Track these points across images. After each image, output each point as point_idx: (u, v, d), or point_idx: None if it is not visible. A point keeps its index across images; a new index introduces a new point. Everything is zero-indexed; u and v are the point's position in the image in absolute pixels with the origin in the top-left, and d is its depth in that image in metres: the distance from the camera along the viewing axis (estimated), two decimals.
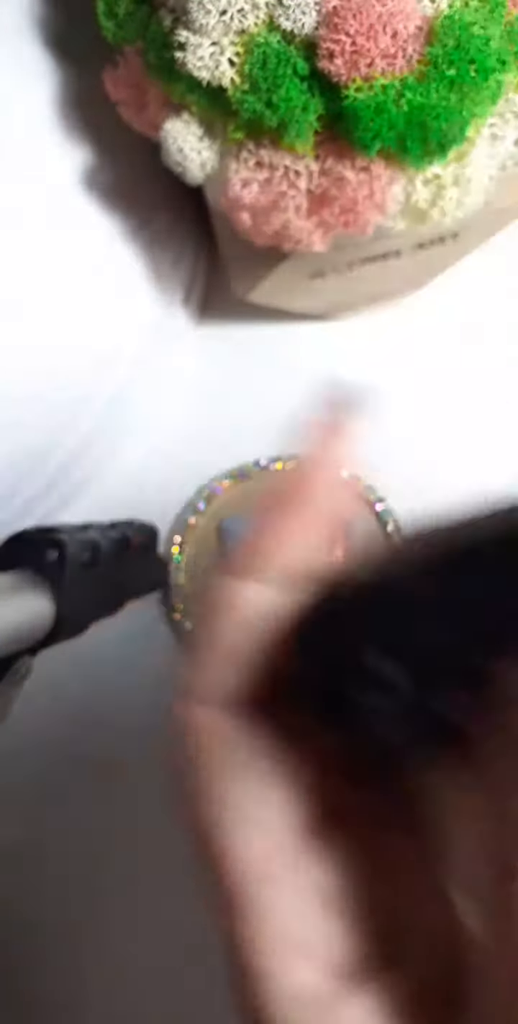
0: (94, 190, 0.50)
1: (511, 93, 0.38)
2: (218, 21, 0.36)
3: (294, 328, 0.64)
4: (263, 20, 0.36)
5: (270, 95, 0.36)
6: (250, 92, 0.37)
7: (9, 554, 0.45)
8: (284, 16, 0.36)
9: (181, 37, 0.37)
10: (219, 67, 0.37)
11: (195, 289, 0.62)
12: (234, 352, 0.64)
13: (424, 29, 0.35)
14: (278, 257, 0.48)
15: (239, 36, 0.37)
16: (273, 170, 0.39)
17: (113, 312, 0.53)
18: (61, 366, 0.51)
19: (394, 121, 0.36)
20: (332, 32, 0.35)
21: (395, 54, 0.35)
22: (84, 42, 0.47)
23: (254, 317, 0.64)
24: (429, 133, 0.36)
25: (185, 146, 0.41)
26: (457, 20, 0.35)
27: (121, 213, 0.52)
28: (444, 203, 0.40)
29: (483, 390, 0.62)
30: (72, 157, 0.49)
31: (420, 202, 0.40)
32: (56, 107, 0.49)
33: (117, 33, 0.42)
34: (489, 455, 0.61)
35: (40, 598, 0.42)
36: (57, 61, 0.49)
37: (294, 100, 0.36)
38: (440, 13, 0.35)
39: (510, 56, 0.37)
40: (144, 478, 0.63)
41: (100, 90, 0.45)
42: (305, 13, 0.35)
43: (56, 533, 0.45)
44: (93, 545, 0.47)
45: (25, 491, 0.55)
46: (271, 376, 0.64)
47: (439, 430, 0.62)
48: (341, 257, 0.49)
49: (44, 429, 0.53)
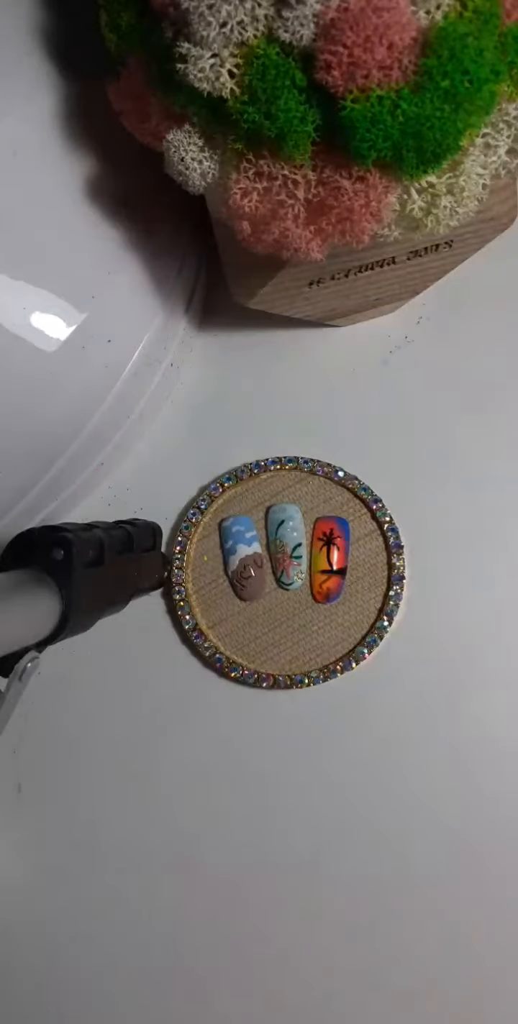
0: (98, 200, 0.51)
1: (504, 103, 0.39)
2: (218, 33, 0.36)
3: (293, 334, 0.64)
4: (262, 32, 0.37)
5: (269, 106, 0.37)
6: (250, 103, 0.37)
7: (16, 553, 0.45)
8: (283, 28, 0.36)
9: (182, 49, 0.38)
10: (219, 78, 0.37)
11: (196, 296, 0.63)
12: (234, 357, 0.65)
13: (419, 41, 0.36)
14: (277, 265, 0.49)
15: (239, 48, 0.37)
16: (272, 180, 0.39)
17: (118, 318, 0.54)
18: (66, 372, 0.51)
19: (390, 131, 0.36)
20: (329, 44, 0.35)
21: (391, 65, 0.35)
22: (87, 54, 0.48)
23: (254, 323, 0.64)
24: (424, 143, 0.36)
25: (186, 156, 0.41)
26: (451, 32, 0.35)
27: (125, 223, 0.52)
28: (438, 211, 0.40)
29: (483, 390, 0.63)
30: (75, 168, 0.50)
31: (415, 211, 0.40)
32: (59, 118, 0.49)
33: (120, 45, 0.42)
34: (489, 454, 0.62)
35: (46, 596, 0.43)
36: (61, 73, 0.49)
37: (292, 111, 0.37)
38: (435, 25, 0.35)
39: (503, 67, 0.37)
40: (147, 478, 0.64)
41: (103, 101, 0.45)
42: (303, 25, 0.36)
43: (62, 532, 0.45)
44: (98, 543, 0.48)
45: (31, 491, 0.56)
46: (271, 380, 0.64)
47: (439, 430, 0.63)
48: (338, 265, 0.49)
49: (49, 432, 0.53)
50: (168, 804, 0.61)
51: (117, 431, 0.60)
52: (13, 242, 0.48)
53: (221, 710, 0.61)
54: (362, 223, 0.39)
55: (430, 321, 0.64)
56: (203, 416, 0.64)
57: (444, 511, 0.61)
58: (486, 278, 0.63)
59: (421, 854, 0.59)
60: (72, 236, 0.50)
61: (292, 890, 0.59)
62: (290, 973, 0.59)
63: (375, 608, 0.60)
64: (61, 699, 0.62)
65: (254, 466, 0.62)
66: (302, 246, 0.41)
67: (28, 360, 0.49)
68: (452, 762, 0.59)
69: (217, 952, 0.59)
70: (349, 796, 0.60)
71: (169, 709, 0.61)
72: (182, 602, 0.61)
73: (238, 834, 0.60)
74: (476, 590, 0.60)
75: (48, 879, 0.61)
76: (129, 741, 0.61)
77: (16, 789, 0.62)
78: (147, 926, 0.60)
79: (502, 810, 0.59)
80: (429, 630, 0.60)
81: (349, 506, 0.61)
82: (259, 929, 0.59)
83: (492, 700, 0.60)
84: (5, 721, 0.43)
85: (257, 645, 0.60)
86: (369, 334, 0.64)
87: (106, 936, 0.60)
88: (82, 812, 0.61)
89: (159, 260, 0.55)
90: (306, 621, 0.60)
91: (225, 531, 0.61)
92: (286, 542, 0.60)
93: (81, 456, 0.57)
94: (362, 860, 0.59)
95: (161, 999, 0.59)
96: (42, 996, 0.60)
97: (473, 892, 0.58)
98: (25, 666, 0.42)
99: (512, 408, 0.62)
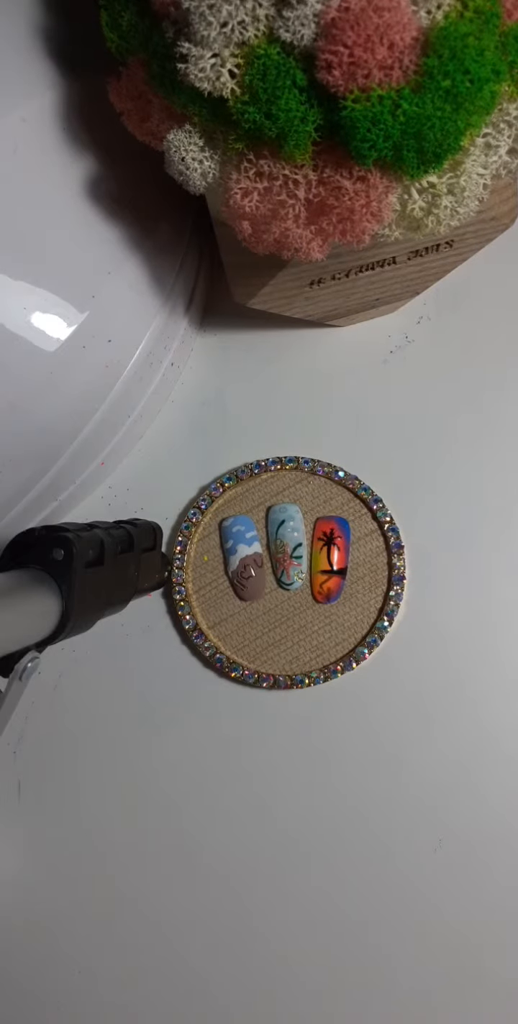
0: (98, 200, 0.51)
1: (505, 103, 0.39)
2: (219, 33, 0.36)
3: (293, 334, 0.65)
4: (263, 32, 0.37)
5: (270, 106, 0.37)
6: (250, 103, 0.37)
7: (16, 553, 0.45)
8: (284, 28, 0.36)
9: (183, 49, 0.37)
10: (220, 78, 0.37)
11: (197, 296, 0.63)
12: (234, 357, 0.65)
13: (420, 40, 0.35)
14: (277, 265, 0.49)
15: (240, 48, 0.37)
16: (273, 180, 0.39)
17: (118, 318, 0.54)
18: (66, 371, 0.51)
19: (390, 131, 0.36)
20: (330, 44, 0.35)
21: (392, 65, 0.35)
22: (88, 54, 0.48)
23: (254, 323, 0.64)
24: (424, 143, 0.36)
25: (187, 156, 0.41)
26: (452, 32, 0.35)
27: (126, 222, 0.52)
28: (439, 211, 0.40)
29: (483, 390, 0.63)
30: (76, 167, 0.50)
31: (416, 211, 0.40)
32: (60, 117, 0.49)
33: (121, 45, 0.42)
34: (489, 454, 0.62)
35: (47, 596, 0.43)
36: (61, 72, 0.49)
37: (293, 111, 0.37)
38: (436, 25, 0.35)
39: (504, 67, 0.37)
40: (148, 478, 0.64)
41: (104, 101, 0.45)
42: (304, 25, 0.35)
43: (62, 532, 0.45)
44: (98, 543, 0.48)
45: (32, 491, 0.56)
46: (272, 380, 0.64)
47: (439, 430, 0.63)
48: (338, 265, 0.49)
49: (50, 432, 0.53)
50: (168, 804, 0.61)
51: (117, 431, 0.60)
52: (13, 242, 0.48)
53: (221, 710, 0.61)
54: (363, 223, 0.39)
55: (430, 321, 0.64)
56: (203, 416, 0.65)
57: (444, 511, 0.61)
58: (486, 278, 0.63)
59: (421, 854, 0.59)
60: (72, 236, 0.50)
61: (292, 889, 0.59)
62: (290, 972, 0.59)
63: (375, 608, 0.60)
64: (61, 699, 0.62)
65: (254, 466, 0.62)
66: (302, 246, 0.41)
67: (28, 360, 0.49)
68: (452, 762, 0.59)
69: (217, 951, 0.59)
70: (349, 796, 0.60)
71: (169, 709, 0.61)
72: (182, 602, 0.61)
73: (238, 833, 0.60)
74: (476, 590, 0.60)
75: (48, 879, 0.61)
76: (129, 741, 0.61)
77: (16, 789, 0.62)
78: (147, 925, 0.60)
79: (501, 809, 0.59)
80: (429, 630, 0.60)
81: (349, 506, 0.61)
82: (259, 928, 0.59)
83: (492, 700, 0.60)
84: (5, 721, 0.43)
85: (257, 645, 0.60)
86: (369, 334, 0.64)
87: (106, 935, 0.60)
88: (82, 812, 0.61)
89: (159, 260, 0.55)
90: (306, 621, 0.60)
91: (225, 531, 0.61)
92: (286, 542, 0.60)
93: (81, 456, 0.57)
94: (362, 859, 0.59)
95: (161, 998, 0.59)
96: (42, 996, 0.60)
97: (473, 892, 0.58)
98: (25, 666, 0.42)
99: (512, 408, 0.62)
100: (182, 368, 0.65)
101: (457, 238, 0.49)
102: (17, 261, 0.48)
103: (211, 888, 0.60)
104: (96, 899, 0.61)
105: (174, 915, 0.60)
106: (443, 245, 0.50)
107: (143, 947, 0.60)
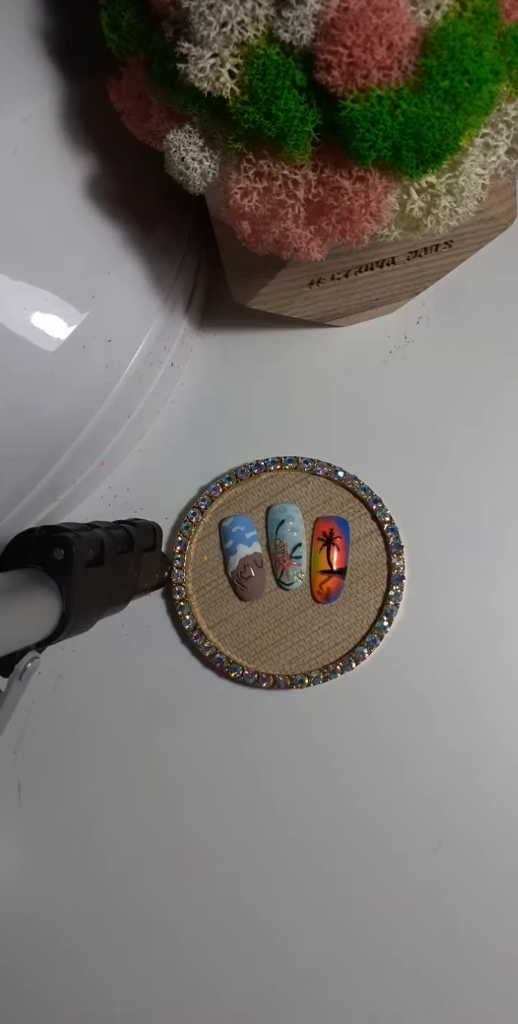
0: (98, 200, 0.51)
1: (503, 103, 0.39)
2: (219, 33, 0.36)
3: (293, 334, 0.65)
4: (263, 32, 0.37)
5: (269, 106, 0.37)
6: (250, 103, 0.37)
7: (17, 552, 0.45)
8: (283, 28, 0.36)
9: (183, 49, 0.38)
10: (220, 78, 0.37)
11: (196, 296, 0.63)
12: (234, 357, 0.65)
13: (419, 41, 0.35)
14: (277, 265, 0.49)
15: (239, 48, 0.37)
16: (272, 180, 0.39)
17: (118, 318, 0.54)
18: (66, 371, 0.51)
19: (389, 131, 0.36)
20: (330, 44, 0.35)
21: (391, 65, 0.35)
22: (88, 54, 0.48)
23: (254, 323, 0.65)
24: (423, 143, 0.36)
25: (187, 156, 0.41)
26: (451, 32, 0.35)
27: (126, 222, 0.52)
28: (438, 212, 0.40)
29: (483, 390, 0.63)
30: (75, 167, 0.50)
31: (415, 211, 0.40)
32: (60, 117, 0.49)
33: (121, 45, 0.42)
34: (489, 454, 0.62)
35: (47, 595, 0.43)
36: (61, 72, 0.49)
37: (292, 111, 0.37)
38: (435, 25, 0.35)
39: (502, 67, 0.37)
40: (148, 478, 0.64)
41: (104, 101, 0.45)
42: (303, 25, 0.36)
43: (62, 532, 0.45)
44: (98, 543, 0.48)
45: (31, 491, 0.56)
46: (271, 380, 0.64)
47: (439, 430, 0.63)
48: (338, 265, 0.49)
49: (50, 431, 0.53)
50: (168, 804, 0.61)
51: (117, 431, 0.60)
52: (13, 242, 0.48)
53: (221, 710, 0.61)
54: (362, 223, 0.39)
55: (430, 321, 0.64)
56: (203, 416, 0.65)
57: (444, 511, 0.61)
58: (486, 278, 0.64)
59: (421, 853, 0.59)
60: (72, 236, 0.50)
61: (292, 889, 0.59)
62: (291, 970, 0.59)
63: (375, 608, 0.60)
64: (61, 699, 0.62)
65: (254, 466, 0.62)
66: (302, 246, 0.41)
67: (28, 360, 0.49)
68: (452, 761, 0.59)
69: (217, 950, 0.59)
70: (348, 796, 0.60)
71: (169, 709, 0.61)
72: (182, 602, 0.61)
73: (238, 833, 0.60)
74: (476, 590, 0.60)
75: (48, 879, 0.61)
76: (129, 741, 0.61)
77: (16, 789, 0.62)
78: (147, 925, 0.60)
79: (502, 809, 0.59)
80: (429, 630, 0.60)
81: (349, 506, 0.61)
82: (259, 927, 0.59)
83: (491, 700, 0.60)
84: (5, 721, 0.43)
85: (257, 645, 0.60)
86: (369, 334, 0.64)
87: (106, 935, 0.60)
88: (82, 812, 0.61)
89: (159, 260, 0.55)
90: (306, 621, 0.60)
91: (225, 531, 0.61)
92: (286, 542, 0.60)
93: (81, 456, 0.58)
94: (361, 859, 0.59)
95: (161, 997, 0.59)
96: (42, 995, 0.60)
97: (473, 891, 0.58)
98: (25, 666, 0.42)
99: (512, 408, 0.62)
100: (182, 368, 0.65)
101: (456, 238, 0.49)
102: (17, 261, 0.48)
103: (211, 888, 0.60)
104: (96, 899, 0.61)
105: (174, 914, 0.60)
106: (442, 245, 0.50)
107: (144, 947, 0.60)
